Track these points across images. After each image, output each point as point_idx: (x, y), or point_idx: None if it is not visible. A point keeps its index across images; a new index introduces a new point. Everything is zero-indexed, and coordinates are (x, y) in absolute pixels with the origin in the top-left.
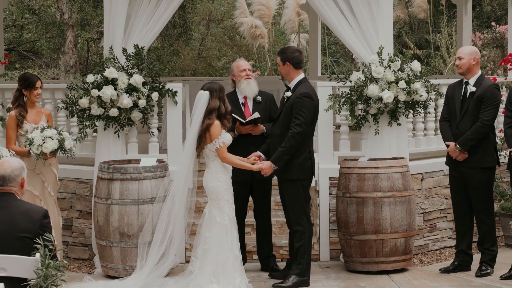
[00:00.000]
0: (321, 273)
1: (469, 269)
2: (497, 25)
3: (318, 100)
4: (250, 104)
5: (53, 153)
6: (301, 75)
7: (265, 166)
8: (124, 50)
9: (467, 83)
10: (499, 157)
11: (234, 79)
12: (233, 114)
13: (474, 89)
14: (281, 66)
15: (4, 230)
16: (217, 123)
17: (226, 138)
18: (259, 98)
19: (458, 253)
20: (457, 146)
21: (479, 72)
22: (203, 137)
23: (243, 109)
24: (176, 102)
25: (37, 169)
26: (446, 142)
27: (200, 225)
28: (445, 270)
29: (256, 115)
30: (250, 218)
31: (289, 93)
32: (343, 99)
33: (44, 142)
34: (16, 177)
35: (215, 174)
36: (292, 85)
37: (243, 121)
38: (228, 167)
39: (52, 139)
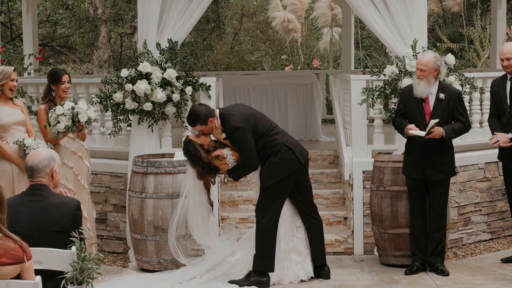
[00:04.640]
0: (355, 267)
1: None
2: None
3: (250, 123)
4: (431, 101)
5: (71, 128)
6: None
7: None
8: (158, 44)
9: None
10: None
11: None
12: (411, 131)
13: None
14: (206, 127)
15: (39, 223)
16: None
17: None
18: (442, 95)
19: None
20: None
21: None
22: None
23: (423, 105)
24: (209, 96)
25: (70, 163)
26: (495, 133)
27: None
28: (506, 260)
29: (432, 123)
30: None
31: None
32: (377, 93)
33: (57, 122)
34: (44, 167)
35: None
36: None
37: (423, 135)
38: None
39: (65, 115)
